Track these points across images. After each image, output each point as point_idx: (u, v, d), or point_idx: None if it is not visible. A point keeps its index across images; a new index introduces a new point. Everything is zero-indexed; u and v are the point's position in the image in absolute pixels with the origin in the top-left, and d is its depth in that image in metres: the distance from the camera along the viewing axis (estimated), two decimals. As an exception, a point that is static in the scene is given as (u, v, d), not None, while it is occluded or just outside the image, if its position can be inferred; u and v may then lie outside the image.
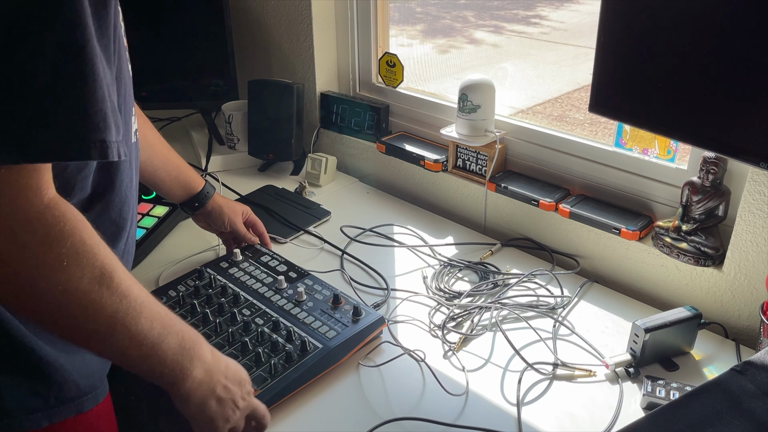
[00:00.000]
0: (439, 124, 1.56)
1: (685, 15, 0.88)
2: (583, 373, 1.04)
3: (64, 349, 0.80)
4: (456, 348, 1.10)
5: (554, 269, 1.32)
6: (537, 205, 1.36)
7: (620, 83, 1.00)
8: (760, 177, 1.06)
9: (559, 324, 1.16)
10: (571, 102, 3.97)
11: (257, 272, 1.23)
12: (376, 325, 1.10)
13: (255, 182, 1.67)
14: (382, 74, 1.68)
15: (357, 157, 1.74)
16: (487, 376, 1.05)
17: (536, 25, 5.24)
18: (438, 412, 0.97)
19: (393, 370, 1.05)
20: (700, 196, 1.15)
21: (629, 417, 0.96)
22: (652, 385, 0.98)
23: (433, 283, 1.27)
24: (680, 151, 1.24)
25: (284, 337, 1.04)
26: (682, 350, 1.09)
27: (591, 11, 1.08)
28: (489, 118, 1.43)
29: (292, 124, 1.68)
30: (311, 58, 1.73)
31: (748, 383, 0.76)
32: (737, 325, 1.16)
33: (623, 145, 1.30)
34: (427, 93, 1.66)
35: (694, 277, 1.19)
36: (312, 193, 1.63)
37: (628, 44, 0.97)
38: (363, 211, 1.56)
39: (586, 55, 3.74)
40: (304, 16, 1.69)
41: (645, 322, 1.04)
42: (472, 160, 1.50)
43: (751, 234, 1.09)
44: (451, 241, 1.43)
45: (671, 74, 0.92)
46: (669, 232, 1.20)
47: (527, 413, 0.97)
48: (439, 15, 4.87)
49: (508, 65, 4.37)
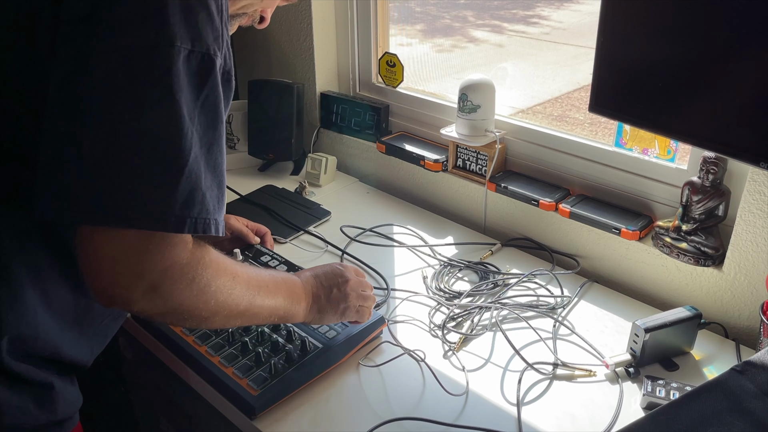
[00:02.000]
0: (439, 124, 1.56)
1: (685, 15, 0.88)
2: (583, 373, 1.04)
3: (57, 371, 0.83)
4: (456, 348, 1.10)
5: (554, 269, 1.32)
6: (537, 205, 1.36)
7: (620, 83, 1.00)
8: (760, 177, 1.06)
9: (559, 324, 1.16)
10: (571, 102, 3.97)
11: (257, 272, 1.23)
12: (376, 325, 1.10)
13: (255, 182, 1.67)
14: (382, 74, 1.68)
15: (357, 157, 1.74)
16: (487, 376, 1.05)
17: (536, 24, 5.24)
18: (438, 412, 0.97)
19: (393, 370, 1.05)
20: (700, 196, 1.15)
21: (629, 417, 0.96)
22: (652, 385, 0.98)
23: (433, 283, 1.27)
24: (680, 151, 1.24)
25: (284, 337, 1.04)
26: (682, 350, 1.09)
27: (591, 11, 1.08)
28: (489, 118, 1.43)
29: (292, 124, 1.68)
30: (311, 58, 1.73)
31: (748, 383, 0.76)
32: (737, 325, 1.16)
33: (623, 145, 1.30)
34: (427, 93, 1.66)
35: (694, 277, 1.19)
36: (312, 193, 1.63)
37: (628, 44, 0.97)
38: (363, 211, 1.56)
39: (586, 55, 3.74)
40: (304, 16, 1.69)
41: (645, 322, 1.04)
42: (472, 160, 1.50)
43: (751, 234, 1.09)
44: (451, 241, 1.43)
45: (671, 74, 0.92)
46: (669, 232, 1.20)
47: (527, 413, 0.97)
48: (438, 15, 4.86)
49: (508, 65, 4.37)
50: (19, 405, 0.78)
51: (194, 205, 0.68)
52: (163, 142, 0.65)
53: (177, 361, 1.07)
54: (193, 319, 0.77)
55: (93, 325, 0.87)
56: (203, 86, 0.68)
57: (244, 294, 0.82)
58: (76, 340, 0.84)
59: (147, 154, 0.65)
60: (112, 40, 0.63)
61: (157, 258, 0.69)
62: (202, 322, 0.79)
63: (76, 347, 0.84)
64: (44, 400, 0.81)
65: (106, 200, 0.65)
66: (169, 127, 0.65)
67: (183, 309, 0.74)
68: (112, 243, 0.66)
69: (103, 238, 0.66)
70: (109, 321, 0.90)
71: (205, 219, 0.70)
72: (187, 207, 0.68)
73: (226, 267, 0.79)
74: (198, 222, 0.69)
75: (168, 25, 0.64)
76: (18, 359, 0.77)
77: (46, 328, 0.79)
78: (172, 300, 0.72)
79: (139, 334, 1.15)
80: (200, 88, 0.68)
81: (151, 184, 0.66)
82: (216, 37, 0.68)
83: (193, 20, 0.66)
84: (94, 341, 0.88)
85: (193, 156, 0.67)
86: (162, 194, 0.66)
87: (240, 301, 0.81)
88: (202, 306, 0.75)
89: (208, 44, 0.67)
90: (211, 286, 0.75)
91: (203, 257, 0.74)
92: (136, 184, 0.65)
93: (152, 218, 0.66)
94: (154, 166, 0.66)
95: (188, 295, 0.73)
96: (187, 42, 0.65)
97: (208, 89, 0.69)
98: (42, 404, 0.80)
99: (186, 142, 0.66)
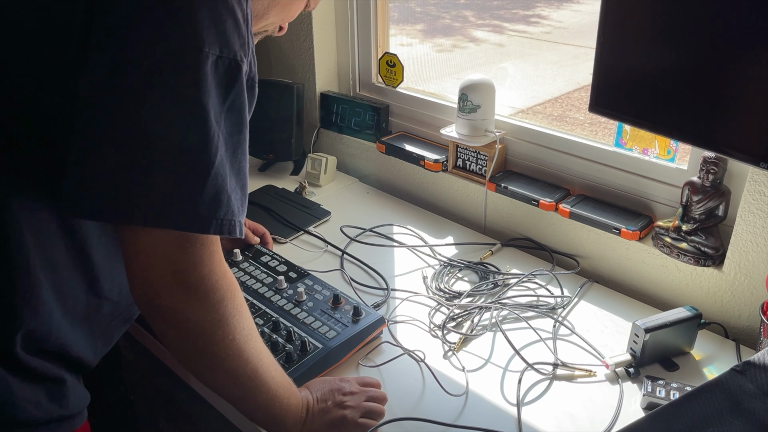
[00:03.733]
0: (439, 124, 1.56)
1: (685, 14, 0.88)
2: (583, 373, 1.04)
3: (67, 368, 0.84)
4: (456, 348, 1.10)
5: (554, 269, 1.32)
6: (537, 205, 1.36)
7: (620, 83, 1.00)
8: (760, 177, 1.06)
9: (559, 324, 1.16)
10: (571, 102, 3.97)
11: (257, 272, 1.23)
12: (376, 325, 1.10)
13: (255, 182, 1.67)
14: (382, 74, 1.68)
15: (357, 157, 1.74)
16: (487, 376, 1.05)
17: (536, 24, 5.24)
18: (438, 412, 0.97)
19: (393, 370, 1.05)
20: (700, 196, 1.15)
21: (629, 417, 0.96)
22: (652, 385, 0.98)
23: (433, 283, 1.27)
24: (680, 151, 1.24)
25: (284, 337, 1.04)
26: (682, 350, 1.09)
27: (591, 11, 1.08)
28: (489, 118, 1.43)
29: (292, 124, 1.68)
30: (311, 58, 1.73)
31: (748, 383, 0.76)
32: (737, 325, 1.16)
33: (623, 145, 1.30)
34: (427, 93, 1.66)
35: (694, 277, 1.19)
36: (312, 193, 1.63)
37: (627, 44, 0.97)
38: (363, 211, 1.56)
39: (586, 55, 3.74)
40: (304, 16, 1.69)
41: (645, 322, 1.04)
42: (472, 160, 1.50)
43: (751, 234, 1.09)
44: (451, 241, 1.43)
45: (671, 74, 0.92)
46: (669, 232, 1.20)
47: (527, 413, 0.97)
48: (438, 14, 4.87)
49: (508, 65, 4.37)
50: (33, 399, 0.79)
51: (220, 206, 0.70)
52: (191, 144, 0.68)
53: (177, 362, 1.07)
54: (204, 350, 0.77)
55: (101, 326, 0.88)
56: (230, 91, 0.70)
57: (257, 351, 0.81)
58: (84, 339, 0.85)
59: (175, 155, 0.68)
60: (144, 45, 0.65)
61: (194, 261, 0.71)
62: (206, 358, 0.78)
63: (84, 346, 0.86)
64: (56, 394, 0.82)
65: (133, 199, 0.67)
66: (197, 129, 0.68)
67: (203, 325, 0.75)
68: (150, 240, 0.69)
69: (142, 235, 0.69)
70: (117, 323, 0.91)
71: (230, 221, 0.72)
72: (213, 208, 0.70)
73: (249, 315, 0.81)
74: (223, 223, 0.71)
75: (197, 32, 0.66)
76: (31, 353, 0.79)
77: (58, 325, 0.81)
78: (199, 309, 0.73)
79: (139, 334, 1.15)
80: (227, 93, 0.70)
81: (179, 185, 0.68)
82: (242, 44, 0.70)
83: (221, 27, 0.68)
84: (100, 342, 0.89)
85: (219, 159, 0.70)
86: (189, 195, 0.68)
87: (250, 356, 0.80)
88: (219, 335, 0.76)
89: (235, 51, 0.69)
90: (235, 317, 0.77)
91: (235, 286, 0.77)
92: (164, 184, 0.68)
93: (179, 218, 0.68)
94: (182, 167, 0.68)
95: (213, 313, 0.74)
96: (216, 48, 0.67)
97: (234, 94, 0.71)
98: (53, 398, 0.82)
99: (213, 145, 0.69)
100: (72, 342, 0.83)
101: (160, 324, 0.75)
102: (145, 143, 0.67)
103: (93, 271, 0.83)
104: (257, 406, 0.84)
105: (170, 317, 0.73)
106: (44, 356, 0.81)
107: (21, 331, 0.77)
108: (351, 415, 0.92)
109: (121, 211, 0.68)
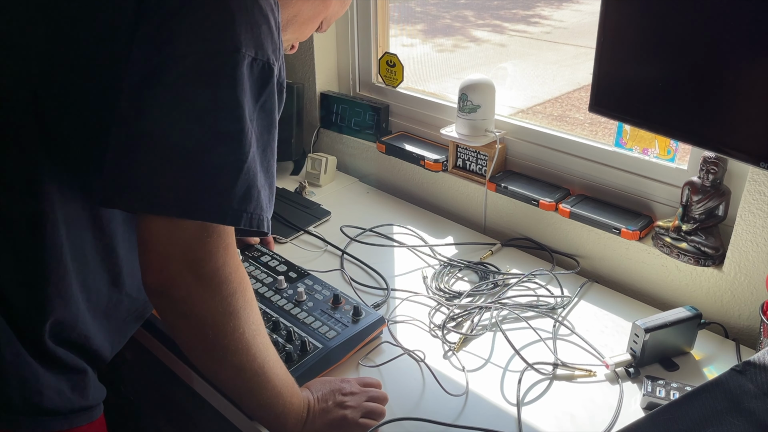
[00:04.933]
0: (439, 124, 1.56)
1: (685, 15, 0.88)
2: (583, 373, 1.04)
3: (87, 360, 0.87)
4: (456, 348, 1.10)
5: (554, 269, 1.32)
6: (537, 205, 1.36)
7: (620, 83, 1.00)
8: (760, 177, 1.06)
9: (559, 324, 1.16)
10: (571, 102, 3.97)
11: (257, 272, 1.23)
12: (376, 325, 1.10)
13: (255, 182, 1.67)
14: (382, 74, 1.68)
15: (357, 157, 1.74)
16: (487, 376, 1.05)
17: (536, 24, 5.25)
18: (438, 412, 0.97)
19: (393, 370, 1.05)
20: (700, 196, 1.15)
21: (629, 417, 0.96)
22: (652, 385, 0.98)
23: (433, 283, 1.27)
24: (680, 151, 1.24)
25: (284, 337, 1.04)
26: (682, 350, 1.09)
27: (591, 11, 1.08)
28: (489, 118, 1.43)
29: (292, 124, 1.68)
30: (311, 58, 1.73)
31: (748, 383, 0.76)
32: (737, 325, 1.16)
33: (623, 145, 1.30)
34: (427, 93, 1.66)
35: (694, 277, 1.19)
36: (312, 193, 1.63)
37: (627, 44, 0.97)
38: (363, 211, 1.56)
39: (586, 55, 3.74)
40: (304, 16, 1.69)
41: (645, 322, 1.04)
42: (472, 160, 1.50)
43: (751, 234, 1.09)
44: (451, 241, 1.43)
45: (671, 74, 0.92)
46: (669, 232, 1.20)
47: (527, 413, 0.97)
48: (438, 14, 4.87)
49: (508, 65, 4.37)
50: (57, 388, 0.81)
51: (251, 200, 0.73)
52: (227, 139, 0.71)
53: (177, 362, 1.07)
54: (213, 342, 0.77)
55: (118, 321, 0.91)
56: (263, 92, 0.74)
57: (265, 347, 0.82)
58: (103, 334, 0.88)
59: (212, 149, 0.70)
60: (185, 45, 0.70)
61: (211, 251, 0.73)
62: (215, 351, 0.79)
63: (103, 340, 0.88)
64: (78, 385, 0.84)
65: (171, 191, 0.70)
66: (233, 125, 0.71)
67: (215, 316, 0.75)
68: (170, 231, 0.71)
69: (164, 226, 0.71)
70: (131, 320, 0.94)
71: (259, 215, 0.74)
72: (244, 202, 0.73)
73: (258, 311, 0.82)
74: (253, 217, 0.74)
75: (235, 34, 0.70)
76: (57, 344, 0.81)
77: (84, 318, 0.83)
78: (211, 300, 0.74)
79: (138, 334, 1.15)
80: (260, 93, 0.74)
81: (214, 178, 0.71)
82: (274, 49, 0.74)
83: (257, 32, 0.72)
84: (114, 337, 0.92)
85: (251, 155, 0.72)
86: (223, 188, 0.71)
87: (258, 351, 0.81)
88: (230, 327, 0.77)
89: (269, 54, 0.73)
90: (245, 311, 0.78)
91: (247, 280, 0.79)
92: (199, 177, 0.70)
93: (212, 210, 0.71)
94: (218, 160, 0.71)
95: (225, 305, 0.75)
96: (252, 50, 0.71)
97: (266, 95, 0.74)
98: (75, 389, 0.84)
99: (246, 141, 0.71)
100: (93, 335, 0.86)
101: (172, 314, 0.76)
102: (184, 136, 0.69)
103: (117, 266, 0.86)
104: (261, 403, 0.85)
105: (182, 307, 0.74)
106: (69, 347, 0.83)
107: (50, 321, 0.79)
108: (351, 415, 0.92)
109: (157, 202, 0.70)
